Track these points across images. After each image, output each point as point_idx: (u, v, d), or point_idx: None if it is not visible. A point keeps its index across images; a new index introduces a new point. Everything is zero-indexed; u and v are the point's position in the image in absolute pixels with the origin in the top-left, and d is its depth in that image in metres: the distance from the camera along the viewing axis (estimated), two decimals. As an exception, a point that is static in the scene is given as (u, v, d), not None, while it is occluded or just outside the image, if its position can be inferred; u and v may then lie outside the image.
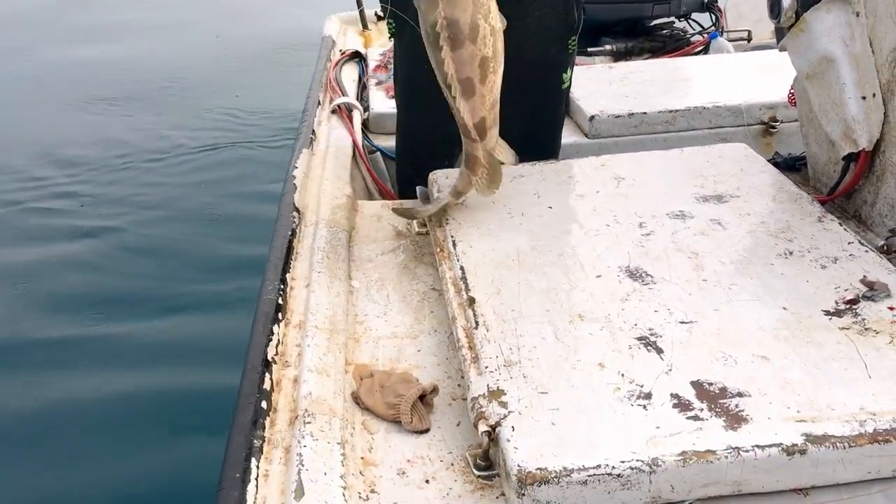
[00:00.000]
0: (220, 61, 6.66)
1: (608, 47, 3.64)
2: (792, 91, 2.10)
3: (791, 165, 2.14)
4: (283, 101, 5.26)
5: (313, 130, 2.42)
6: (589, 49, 3.63)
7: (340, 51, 3.28)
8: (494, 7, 1.56)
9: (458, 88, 1.57)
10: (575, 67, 2.65)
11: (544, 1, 2.04)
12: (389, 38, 2.11)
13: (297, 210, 1.91)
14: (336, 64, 3.04)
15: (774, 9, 1.92)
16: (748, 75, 2.88)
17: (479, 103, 1.59)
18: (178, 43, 7.27)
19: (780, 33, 1.96)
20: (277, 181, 2.13)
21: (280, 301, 1.54)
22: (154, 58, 6.86)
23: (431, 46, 1.56)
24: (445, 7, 1.49)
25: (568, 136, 2.63)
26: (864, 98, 1.77)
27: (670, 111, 2.65)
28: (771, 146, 2.67)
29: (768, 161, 2.13)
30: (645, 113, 2.65)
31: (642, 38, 3.69)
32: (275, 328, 1.45)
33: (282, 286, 1.59)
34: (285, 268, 1.65)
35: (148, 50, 7.10)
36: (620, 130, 2.65)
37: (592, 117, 2.64)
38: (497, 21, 1.56)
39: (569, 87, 2.25)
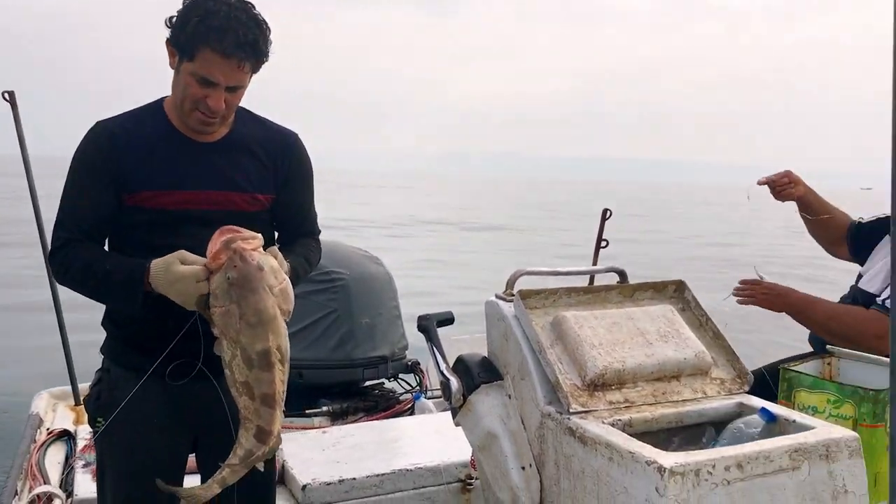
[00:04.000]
0: None
1: (325, 408, 3.86)
2: (473, 458, 2.39)
3: (480, 526, 2.36)
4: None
5: (4, 527, 2.28)
6: (307, 410, 3.83)
7: (48, 430, 3.18)
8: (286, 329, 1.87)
9: (279, 402, 1.84)
10: (292, 431, 2.77)
11: None
12: (90, 438, 2.12)
13: None
14: (41, 446, 2.94)
15: (445, 391, 2.25)
16: (446, 435, 3.18)
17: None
18: None
19: (454, 412, 2.28)
20: None
21: None
22: None
23: (256, 369, 1.80)
24: (276, 337, 1.81)
25: (282, 507, 2.70)
26: (523, 468, 2.08)
27: (378, 475, 2.84)
28: (471, 501, 2.92)
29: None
30: (354, 478, 2.80)
31: (357, 398, 3.96)
32: None
33: None
34: None
35: None
36: (333, 497, 2.76)
37: (305, 486, 2.74)
38: None
39: None
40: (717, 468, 1.68)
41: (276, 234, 2.25)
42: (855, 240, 3.27)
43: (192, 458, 2.19)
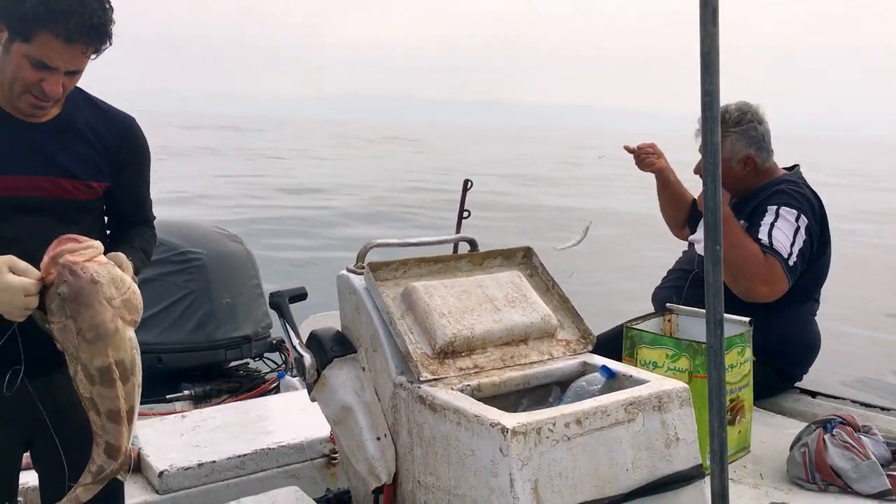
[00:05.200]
0: None
1: (187, 392, 3.77)
2: (331, 432, 2.39)
3: (341, 499, 2.37)
4: None
5: None
6: (168, 396, 3.72)
7: None
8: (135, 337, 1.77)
9: (126, 418, 1.75)
10: (150, 417, 2.67)
11: None
12: None
13: None
14: None
15: (299, 367, 2.23)
16: (311, 411, 3.16)
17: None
18: None
19: (309, 388, 2.27)
20: None
21: None
22: None
23: (98, 385, 1.71)
24: (117, 352, 1.71)
25: (138, 496, 2.62)
26: (378, 439, 2.10)
27: (239, 456, 2.80)
28: (336, 476, 2.92)
29: (322, 497, 2.35)
30: (214, 461, 2.75)
31: (220, 380, 3.90)
32: None
33: None
34: None
35: None
36: (192, 482, 2.70)
37: (162, 472, 2.67)
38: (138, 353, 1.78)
39: None
40: (558, 425, 1.75)
41: (107, 220, 2.13)
42: (692, 214, 3.46)
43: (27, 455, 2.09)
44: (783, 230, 2.96)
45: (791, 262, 2.92)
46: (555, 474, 1.73)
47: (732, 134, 3.10)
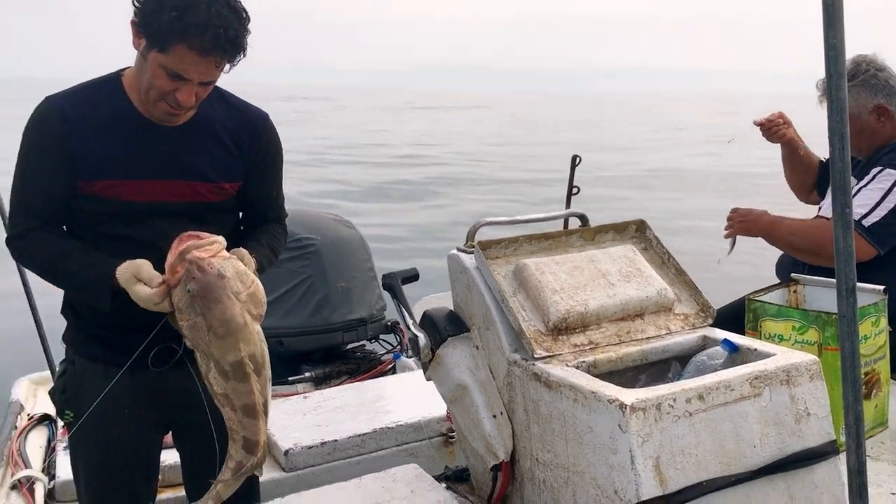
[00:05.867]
0: None
1: (308, 374, 3.89)
2: (447, 411, 2.41)
3: (459, 477, 2.39)
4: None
5: (-14, 514, 2.29)
6: (289, 378, 3.85)
7: (28, 415, 3.18)
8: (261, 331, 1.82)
9: (262, 410, 1.79)
10: (274, 399, 2.76)
11: None
12: (63, 426, 2.09)
13: None
14: (21, 432, 2.95)
15: (414, 347, 2.25)
16: (427, 390, 3.20)
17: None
18: None
19: (424, 367, 2.29)
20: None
21: None
22: None
23: (232, 381, 1.75)
24: (248, 346, 1.74)
25: (266, 473, 2.72)
26: (494, 417, 2.10)
27: (359, 435, 2.87)
28: (454, 454, 2.95)
29: (441, 474, 2.37)
30: (336, 440, 2.83)
31: (339, 362, 3.99)
32: None
33: None
34: None
35: None
36: (316, 460, 2.79)
37: (287, 451, 2.77)
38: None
39: None
40: (679, 401, 1.70)
41: (241, 215, 2.18)
42: (820, 178, 3.29)
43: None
44: (867, 193, 2.81)
45: (867, 224, 2.76)
46: (677, 451, 1.68)
47: (852, 89, 2.91)
